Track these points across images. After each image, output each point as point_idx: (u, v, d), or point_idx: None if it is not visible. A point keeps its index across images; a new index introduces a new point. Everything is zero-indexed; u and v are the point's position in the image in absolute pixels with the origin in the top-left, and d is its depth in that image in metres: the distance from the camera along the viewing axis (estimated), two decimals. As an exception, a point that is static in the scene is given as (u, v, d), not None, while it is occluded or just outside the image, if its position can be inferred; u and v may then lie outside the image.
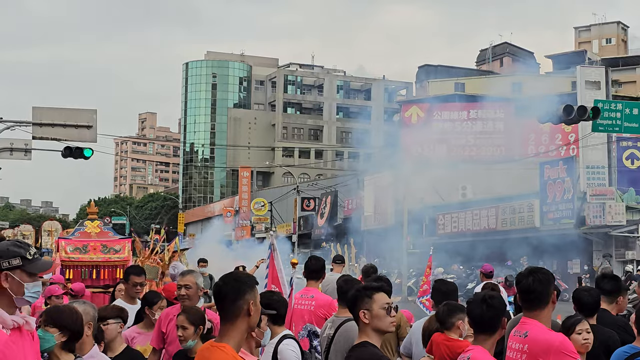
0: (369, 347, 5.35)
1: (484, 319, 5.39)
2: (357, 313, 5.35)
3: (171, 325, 7.85)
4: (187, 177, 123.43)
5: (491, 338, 5.39)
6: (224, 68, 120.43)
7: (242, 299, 4.43)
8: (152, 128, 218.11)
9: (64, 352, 5.32)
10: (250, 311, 4.42)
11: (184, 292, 7.93)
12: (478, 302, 5.45)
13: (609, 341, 6.82)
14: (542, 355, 5.41)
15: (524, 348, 5.50)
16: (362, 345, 5.37)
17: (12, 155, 27.37)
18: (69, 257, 13.49)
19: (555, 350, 5.39)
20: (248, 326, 4.45)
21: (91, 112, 26.55)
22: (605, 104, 24.47)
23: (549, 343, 5.42)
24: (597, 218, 40.09)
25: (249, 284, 4.50)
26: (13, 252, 4.35)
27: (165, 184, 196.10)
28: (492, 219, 47.01)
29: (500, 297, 5.53)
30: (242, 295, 4.45)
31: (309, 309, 9.32)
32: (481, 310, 5.39)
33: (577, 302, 7.49)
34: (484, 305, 5.39)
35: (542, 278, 5.60)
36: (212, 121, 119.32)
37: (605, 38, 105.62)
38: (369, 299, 5.32)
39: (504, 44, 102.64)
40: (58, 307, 5.50)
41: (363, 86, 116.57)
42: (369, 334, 5.39)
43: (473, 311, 5.47)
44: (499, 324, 5.40)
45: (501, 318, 5.41)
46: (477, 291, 13.61)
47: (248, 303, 4.42)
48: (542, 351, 5.41)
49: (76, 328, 5.35)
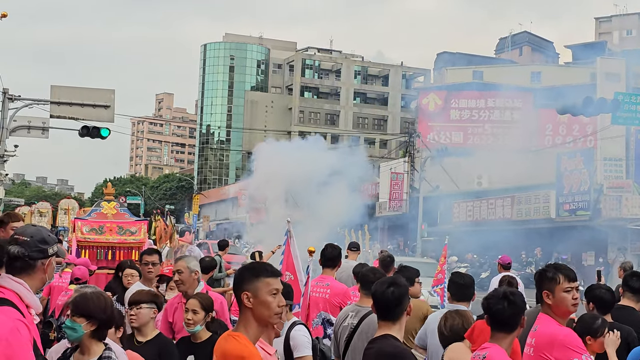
0: (391, 340, 5.34)
1: (504, 316, 5.20)
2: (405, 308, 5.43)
3: (177, 315, 7.87)
4: (202, 159, 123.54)
5: (509, 336, 5.22)
6: (242, 50, 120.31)
7: (240, 290, 4.40)
8: (169, 109, 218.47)
9: (94, 341, 5.26)
10: (244, 303, 4.36)
11: (176, 277, 8.02)
12: (498, 298, 5.26)
13: (628, 338, 6.76)
14: (547, 348, 5.33)
15: (531, 342, 5.44)
16: (384, 337, 5.35)
17: (29, 133, 27.45)
18: (85, 237, 13.49)
19: (559, 344, 5.31)
20: (253, 317, 4.36)
21: (109, 92, 26.60)
22: (625, 96, 24.36)
23: (553, 337, 5.34)
24: (613, 210, 39.88)
25: (247, 274, 4.44)
26: (53, 238, 4.47)
27: (180, 164, 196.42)
28: (507, 208, 46.85)
29: (520, 294, 5.32)
30: (240, 286, 4.42)
31: (324, 297, 9.33)
32: (502, 307, 5.20)
33: (593, 298, 7.41)
34: (505, 302, 5.20)
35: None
36: (229, 103, 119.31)
37: (626, 29, 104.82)
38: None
39: (524, 33, 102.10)
40: (85, 295, 5.41)
41: (381, 72, 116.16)
42: (391, 327, 5.38)
43: (492, 307, 5.25)
44: (519, 322, 5.22)
45: (521, 316, 5.23)
46: (493, 282, 13.52)
47: (245, 294, 4.37)
48: (547, 344, 5.34)
49: (105, 316, 5.29)
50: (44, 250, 4.36)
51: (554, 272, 5.53)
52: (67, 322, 5.23)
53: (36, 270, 4.34)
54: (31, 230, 4.44)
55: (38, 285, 4.42)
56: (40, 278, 4.39)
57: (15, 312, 4.10)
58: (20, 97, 27.32)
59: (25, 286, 4.24)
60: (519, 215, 45.63)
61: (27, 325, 4.12)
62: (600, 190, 40.50)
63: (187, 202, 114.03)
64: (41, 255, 4.35)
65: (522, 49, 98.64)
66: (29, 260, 4.29)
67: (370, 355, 5.39)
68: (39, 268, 4.35)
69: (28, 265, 4.30)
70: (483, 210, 49.03)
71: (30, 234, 4.38)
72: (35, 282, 4.36)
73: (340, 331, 7.49)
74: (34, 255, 4.31)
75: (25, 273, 4.30)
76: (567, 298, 5.48)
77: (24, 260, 4.29)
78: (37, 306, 4.33)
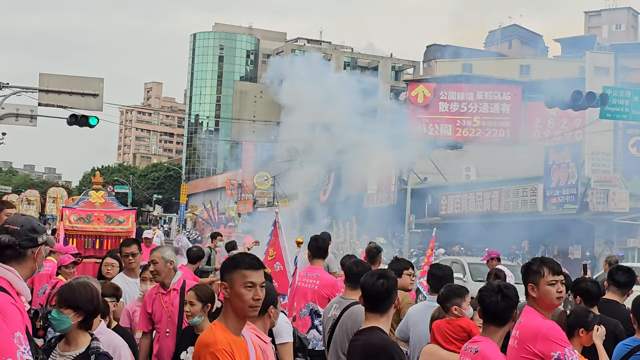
0: (378, 332, 5.35)
1: (497, 309, 5.23)
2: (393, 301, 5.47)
3: (156, 305, 7.88)
4: (191, 149, 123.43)
5: (501, 330, 5.26)
6: (231, 40, 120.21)
7: (221, 280, 4.47)
8: (158, 98, 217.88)
9: (81, 332, 5.25)
10: (222, 293, 4.44)
11: (152, 267, 8.00)
12: (492, 291, 5.29)
13: (616, 330, 6.80)
14: (530, 340, 5.32)
15: (516, 334, 5.44)
16: (372, 329, 5.36)
17: (17, 120, 27.36)
18: (73, 226, 13.47)
19: (543, 337, 5.32)
20: (230, 308, 4.41)
21: (98, 80, 26.51)
22: (614, 90, 24.38)
23: (537, 329, 5.34)
24: (600, 204, 39.95)
25: (227, 265, 4.49)
26: (42, 227, 4.55)
27: (169, 154, 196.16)
28: (495, 201, 46.91)
29: (514, 288, 5.36)
30: (221, 276, 4.49)
31: (313, 288, 9.33)
32: (496, 300, 5.23)
33: (580, 291, 7.45)
34: (499, 295, 5.23)
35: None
36: (217, 93, 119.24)
37: (615, 23, 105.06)
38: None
39: (513, 26, 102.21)
40: (71, 285, 5.40)
41: (370, 64, 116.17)
42: (378, 319, 5.40)
43: (486, 300, 5.28)
44: (511, 316, 5.25)
45: (514, 310, 5.26)
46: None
47: (223, 284, 4.44)
48: (531, 336, 5.34)
49: (92, 306, 5.28)
50: (34, 239, 4.43)
51: (538, 265, 5.53)
52: (53, 313, 5.22)
53: (26, 258, 4.41)
54: (21, 219, 4.51)
55: (28, 274, 4.47)
56: (31, 267, 4.45)
57: (7, 296, 4.16)
58: (9, 85, 27.21)
59: (16, 274, 4.30)
60: (507, 208, 45.72)
61: (19, 310, 4.17)
62: (587, 184, 40.57)
63: (175, 191, 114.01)
64: (31, 244, 4.42)
65: (512, 42, 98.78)
66: (19, 248, 4.36)
67: (358, 347, 5.40)
68: (29, 257, 4.43)
69: (18, 254, 4.37)
70: (471, 202, 49.10)
71: (20, 223, 4.45)
72: (26, 270, 4.42)
73: (325, 322, 7.52)
74: (24, 244, 4.38)
75: (16, 261, 4.36)
76: (552, 291, 5.46)
77: (15, 248, 4.35)
78: (27, 294, 4.41)
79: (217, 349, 4.24)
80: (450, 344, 6.25)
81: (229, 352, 4.25)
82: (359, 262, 7.73)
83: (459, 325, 6.32)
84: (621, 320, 7.13)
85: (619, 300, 7.83)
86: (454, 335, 6.23)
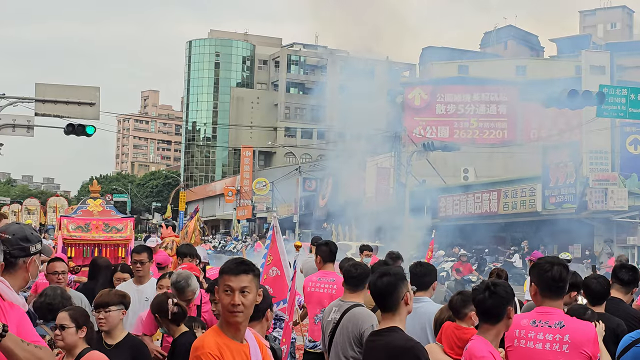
0: (399, 332, 5.34)
1: (485, 306, 5.19)
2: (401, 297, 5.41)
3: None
4: (189, 156, 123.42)
5: (494, 328, 5.19)
6: (227, 47, 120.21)
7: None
8: (155, 106, 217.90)
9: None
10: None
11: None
12: (482, 289, 5.26)
13: (617, 329, 6.78)
14: (586, 344, 5.36)
15: (564, 339, 5.39)
16: (392, 330, 5.36)
17: (14, 131, 27.30)
18: (71, 235, 13.44)
19: (594, 340, 5.41)
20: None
21: (94, 89, 26.49)
22: (610, 89, 24.37)
23: (589, 333, 5.41)
24: (599, 203, 39.95)
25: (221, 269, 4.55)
26: (36, 237, 4.48)
27: (167, 162, 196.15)
28: (493, 202, 46.91)
29: (506, 285, 5.30)
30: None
31: (330, 293, 9.19)
32: (483, 297, 5.20)
33: (586, 289, 7.46)
34: (487, 293, 5.19)
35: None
36: (214, 100, 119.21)
37: (610, 22, 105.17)
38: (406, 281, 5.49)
39: (509, 27, 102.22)
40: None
41: (366, 67, 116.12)
42: (393, 318, 5.40)
43: (475, 298, 5.28)
44: (504, 314, 5.17)
45: (506, 307, 5.17)
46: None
47: (216, 288, 4.49)
48: (586, 340, 5.37)
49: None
50: (25, 248, 4.35)
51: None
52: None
53: (18, 268, 4.34)
54: (14, 228, 4.43)
55: (21, 284, 4.39)
56: (23, 277, 4.38)
57: None
58: (5, 95, 27.20)
59: (6, 284, 4.19)
60: (505, 209, 45.72)
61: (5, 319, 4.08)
62: (586, 183, 40.57)
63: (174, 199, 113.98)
64: (23, 253, 4.34)
65: (507, 43, 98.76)
66: (10, 257, 4.29)
67: (378, 348, 5.34)
68: (20, 266, 4.35)
69: (9, 263, 4.30)
70: (469, 204, 49.09)
71: (12, 231, 4.36)
72: (18, 280, 4.34)
73: (325, 326, 7.49)
74: (15, 253, 4.31)
75: (7, 271, 4.29)
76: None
77: (5, 258, 4.27)
78: (19, 304, 4.27)
79: (203, 353, 4.25)
80: (451, 350, 6.23)
81: (215, 355, 4.24)
82: (358, 265, 7.70)
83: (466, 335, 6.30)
84: (625, 318, 7.11)
85: (623, 298, 7.81)
86: (459, 343, 6.21)
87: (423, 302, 7.22)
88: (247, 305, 4.36)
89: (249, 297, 4.36)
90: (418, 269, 7.60)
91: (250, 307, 4.39)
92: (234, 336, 4.38)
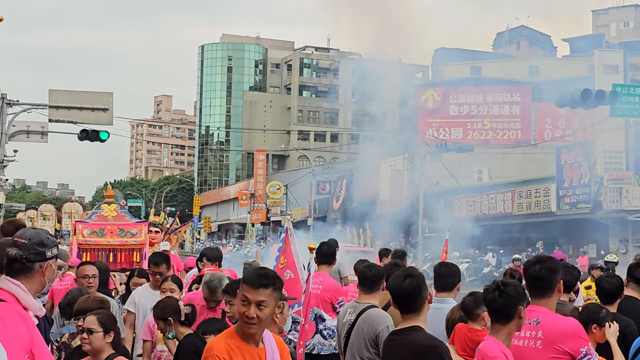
0: (422, 331, 5.39)
1: (495, 306, 5.18)
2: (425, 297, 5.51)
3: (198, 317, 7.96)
4: (202, 160, 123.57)
5: (505, 327, 5.16)
6: (239, 51, 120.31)
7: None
8: (168, 111, 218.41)
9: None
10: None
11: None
12: (492, 288, 5.25)
13: (625, 330, 6.75)
14: (560, 340, 5.36)
15: (537, 335, 5.43)
16: (415, 329, 5.40)
17: (28, 137, 27.44)
18: (86, 240, 13.48)
19: (572, 334, 5.37)
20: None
21: (107, 95, 26.60)
22: (624, 88, 24.35)
23: (565, 327, 5.39)
24: (613, 203, 39.82)
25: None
26: (53, 241, 4.48)
27: (180, 166, 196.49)
28: (508, 203, 46.82)
29: (517, 284, 5.28)
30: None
31: (316, 293, 9.48)
32: (493, 297, 5.19)
33: (597, 288, 7.47)
34: (497, 292, 5.17)
35: (550, 266, 5.57)
36: (227, 104, 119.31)
37: (623, 21, 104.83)
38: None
39: (521, 27, 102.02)
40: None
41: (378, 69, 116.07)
42: (416, 319, 5.45)
43: (486, 297, 5.28)
44: (514, 313, 5.14)
45: (517, 307, 5.14)
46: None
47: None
48: (560, 335, 5.36)
49: None
50: (41, 252, 4.35)
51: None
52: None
53: (34, 273, 4.34)
54: (30, 232, 4.44)
55: (37, 288, 4.40)
56: (39, 281, 4.38)
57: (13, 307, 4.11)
58: (19, 102, 27.29)
59: (23, 288, 4.24)
60: (520, 210, 45.62)
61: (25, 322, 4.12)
62: (600, 183, 40.45)
63: (188, 203, 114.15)
64: (39, 258, 4.35)
65: (520, 43, 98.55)
66: (26, 262, 4.30)
67: (402, 347, 5.37)
68: (37, 271, 4.35)
69: (25, 268, 4.31)
70: (484, 205, 49.01)
71: (29, 236, 4.38)
72: (34, 285, 4.35)
73: (340, 328, 7.51)
74: (31, 258, 4.32)
75: (23, 275, 4.31)
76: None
77: (22, 262, 4.29)
78: (35, 308, 4.32)
79: (211, 355, 4.32)
80: (464, 352, 6.24)
81: (222, 358, 4.30)
82: (372, 266, 7.71)
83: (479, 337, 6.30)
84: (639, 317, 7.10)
85: (638, 297, 7.79)
86: (471, 345, 6.21)
87: (447, 303, 7.22)
88: (263, 319, 4.39)
89: (264, 311, 4.39)
90: (442, 269, 7.60)
91: (265, 320, 4.42)
92: (249, 339, 4.42)
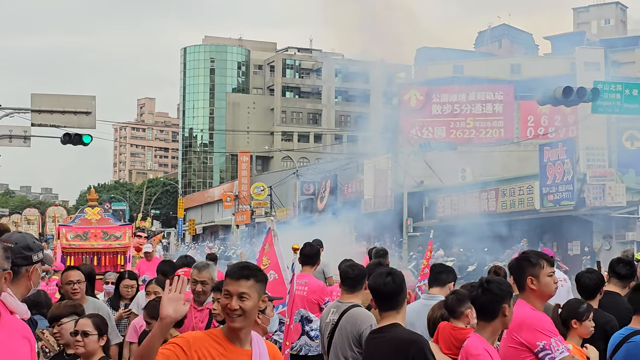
0: (402, 327, 5.47)
1: (479, 303, 5.23)
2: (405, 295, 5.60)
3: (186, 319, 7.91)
4: (186, 163, 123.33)
5: (490, 325, 5.20)
6: (222, 53, 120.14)
7: None
8: (151, 114, 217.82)
9: None
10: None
11: (200, 288, 8.08)
12: (476, 286, 5.31)
13: (606, 326, 6.80)
14: (516, 329, 5.43)
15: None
16: (395, 326, 5.47)
17: (11, 142, 27.31)
18: (70, 244, 13.47)
19: (528, 326, 5.42)
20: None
21: (90, 98, 26.52)
22: (605, 85, 24.41)
23: (522, 319, 5.43)
24: (597, 199, 39.96)
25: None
26: (38, 245, 4.52)
27: (164, 169, 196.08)
28: (491, 201, 46.92)
29: (501, 282, 5.31)
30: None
31: (302, 294, 9.48)
32: (476, 294, 5.24)
33: (577, 284, 7.53)
34: (480, 290, 5.22)
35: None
36: (210, 106, 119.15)
37: (604, 19, 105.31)
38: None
39: (503, 26, 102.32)
40: None
41: (362, 69, 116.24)
42: (395, 316, 5.52)
43: (470, 295, 5.37)
44: (499, 311, 5.16)
45: (500, 304, 5.15)
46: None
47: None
48: (516, 325, 5.41)
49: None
50: (27, 257, 4.38)
51: (536, 258, 5.67)
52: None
53: (20, 277, 4.37)
54: (16, 236, 4.47)
55: (23, 292, 4.42)
56: (25, 285, 4.40)
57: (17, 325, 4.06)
58: (1, 107, 27.20)
59: (9, 292, 4.21)
60: (504, 208, 45.75)
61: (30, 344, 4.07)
62: (583, 180, 40.61)
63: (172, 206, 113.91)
64: (25, 262, 4.37)
65: (502, 41, 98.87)
66: (12, 266, 4.24)
67: (382, 343, 5.42)
68: (23, 275, 4.38)
69: (12, 272, 4.22)
70: (468, 203, 49.09)
71: (15, 240, 4.40)
72: (20, 288, 4.37)
73: (323, 327, 7.53)
74: (17, 262, 4.31)
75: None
76: (551, 282, 5.68)
77: None
78: (22, 311, 4.30)
79: (174, 340, 4.23)
80: (449, 350, 6.27)
81: (176, 344, 4.18)
82: (355, 266, 7.74)
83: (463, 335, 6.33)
84: (620, 313, 7.13)
85: (619, 292, 7.86)
86: (456, 344, 6.24)
87: (436, 300, 7.24)
88: (246, 310, 4.31)
89: (247, 303, 4.31)
90: (437, 267, 7.81)
91: (250, 312, 4.34)
92: (234, 339, 4.37)
